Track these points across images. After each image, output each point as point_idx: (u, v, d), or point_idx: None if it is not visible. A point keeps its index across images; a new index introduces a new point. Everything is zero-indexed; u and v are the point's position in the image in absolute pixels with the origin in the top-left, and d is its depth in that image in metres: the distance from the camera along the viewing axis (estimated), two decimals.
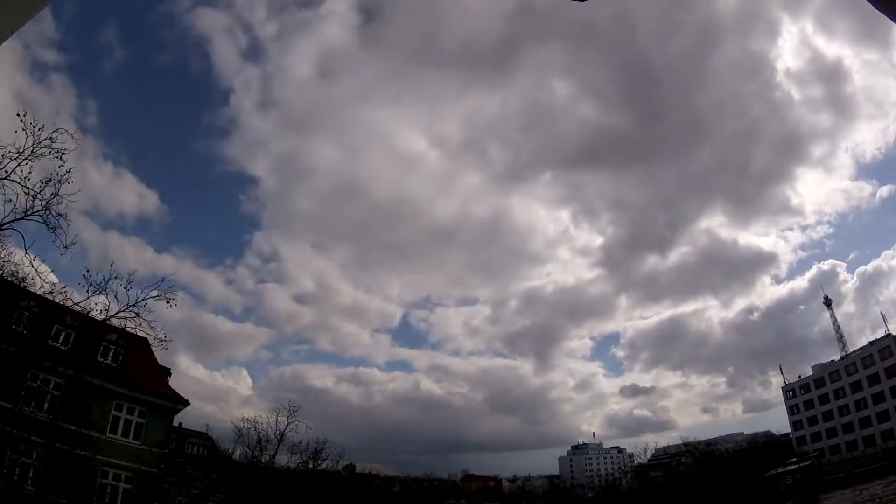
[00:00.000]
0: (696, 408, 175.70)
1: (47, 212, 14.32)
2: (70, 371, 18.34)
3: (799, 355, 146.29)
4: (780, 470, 62.05)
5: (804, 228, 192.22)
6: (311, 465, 38.13)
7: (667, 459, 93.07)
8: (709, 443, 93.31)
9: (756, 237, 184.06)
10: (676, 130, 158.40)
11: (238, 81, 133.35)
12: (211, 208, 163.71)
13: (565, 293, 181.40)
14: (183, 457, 51.46)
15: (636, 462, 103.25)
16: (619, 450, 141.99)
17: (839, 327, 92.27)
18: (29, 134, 13.67)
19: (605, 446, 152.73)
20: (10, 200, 13.97)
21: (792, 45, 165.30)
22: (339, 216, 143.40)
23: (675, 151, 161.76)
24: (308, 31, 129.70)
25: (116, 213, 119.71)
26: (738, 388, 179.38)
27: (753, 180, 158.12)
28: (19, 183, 13.90)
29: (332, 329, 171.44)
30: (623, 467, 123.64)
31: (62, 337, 22.77)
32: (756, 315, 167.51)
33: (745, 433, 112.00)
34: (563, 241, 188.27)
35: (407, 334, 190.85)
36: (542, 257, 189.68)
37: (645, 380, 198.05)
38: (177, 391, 29.21)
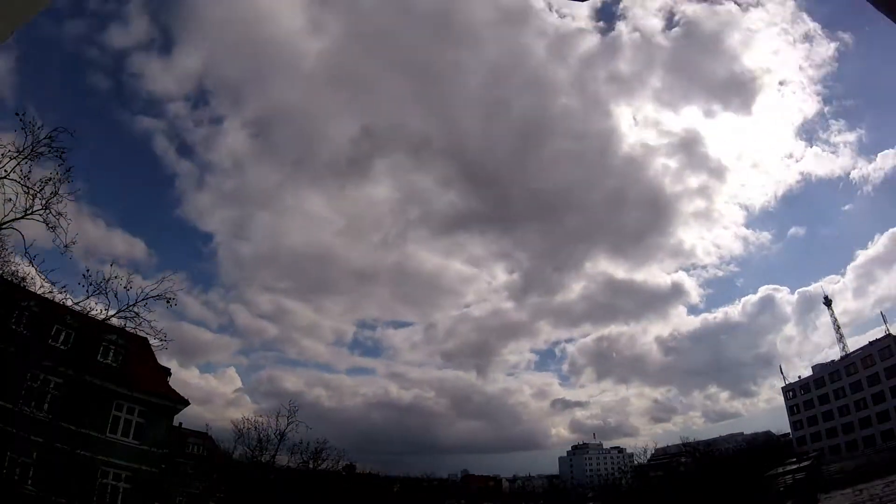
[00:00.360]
0: (647, 417, 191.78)
1: (47, 211, 14.27)
2: (70, 371, 18.29)
3: (731, 375, 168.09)
4: (780, 470, 61.99)
5: (705, 268, 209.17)
6: (311, 465, 38.07)
7: (666, 459, 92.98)
8: (708, 443, 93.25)
9: (660, 275, 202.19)
10: (531, 206, 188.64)
11: (178, 169, 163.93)
12: (185, 252, 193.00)
13: (488, 319, 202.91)
14: (183, 457, 51.42)
15: (636, 462, 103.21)
16: (619, 450, 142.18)
17: (839, 327, 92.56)
18: (28, 133, 13.65)
19: (605, 446, 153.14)
20: (10, 200, 13.95)
21: (636, 123, 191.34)
22: (276, 262, 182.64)
23: (540, 219, 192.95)
24: (218, 139, 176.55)
25: (109, 255, 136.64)
26: (687, 400, 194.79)
27: (630, 234, 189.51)
28: (19, 182, 13.88)
29: (294, 341, 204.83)
30: (623, 467, 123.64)
31: (62, 337, 22.75)
32: (677, 341, 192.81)
33: (745, 433, 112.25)
34: (471, 281, 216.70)
35: (362, 347, 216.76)
36: (458, 292, 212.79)
37: (594, 390, 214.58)
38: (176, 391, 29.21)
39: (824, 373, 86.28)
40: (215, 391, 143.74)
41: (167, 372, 30.97)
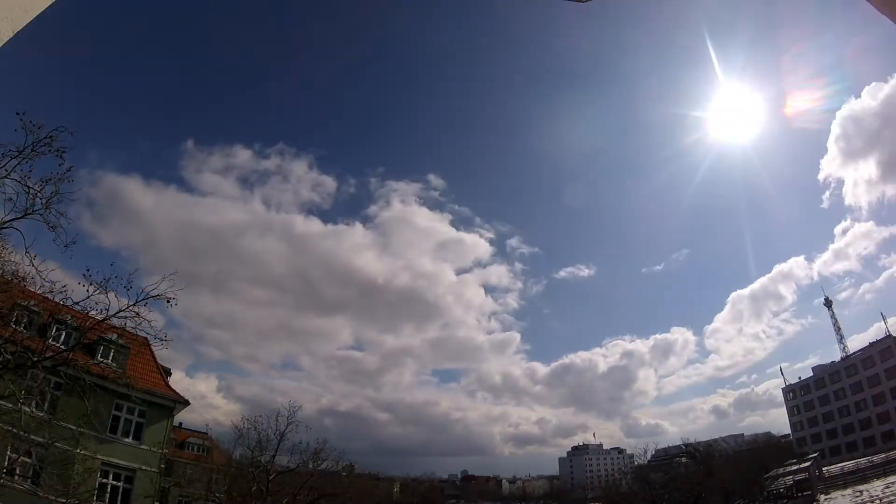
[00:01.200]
0: (554, 431, 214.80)
1: (48, 210, 14.26)
2: (70, 371, 18.27)
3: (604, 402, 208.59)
4: (779, 470, 61.99)
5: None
6: (310, 466, 38.03)
7: (667, 460, 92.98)
8: (709, 443, 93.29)
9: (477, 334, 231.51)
10: (334, 308, 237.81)
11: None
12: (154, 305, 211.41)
13: (364, 357, 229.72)
14: (183, 457, 51.49)
15: (636, 463, 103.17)
16: (619, 451, 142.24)
17: (840, 328, 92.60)
18: (29, 133, 13.64)
19: (605, 447, 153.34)
20: (11, 199, 13.93)
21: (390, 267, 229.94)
22: (207, 318, 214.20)
23: (344, 314, 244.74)
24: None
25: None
26: (583, 421, 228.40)
27: (425, 315, 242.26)
28: (19, 182, 13.86)
29: (237, 362, 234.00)
30: (623, 468, 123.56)
31: (62, 337, 22.76)
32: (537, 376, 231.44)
33: (745, 435, 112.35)
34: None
35: (289, 367, 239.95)
36: (333, 338, 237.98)
37: (504, 408, 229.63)
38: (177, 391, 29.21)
39: (825, 373, 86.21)
40: (200, 393, 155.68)
41: (167, 372, 30.99)
